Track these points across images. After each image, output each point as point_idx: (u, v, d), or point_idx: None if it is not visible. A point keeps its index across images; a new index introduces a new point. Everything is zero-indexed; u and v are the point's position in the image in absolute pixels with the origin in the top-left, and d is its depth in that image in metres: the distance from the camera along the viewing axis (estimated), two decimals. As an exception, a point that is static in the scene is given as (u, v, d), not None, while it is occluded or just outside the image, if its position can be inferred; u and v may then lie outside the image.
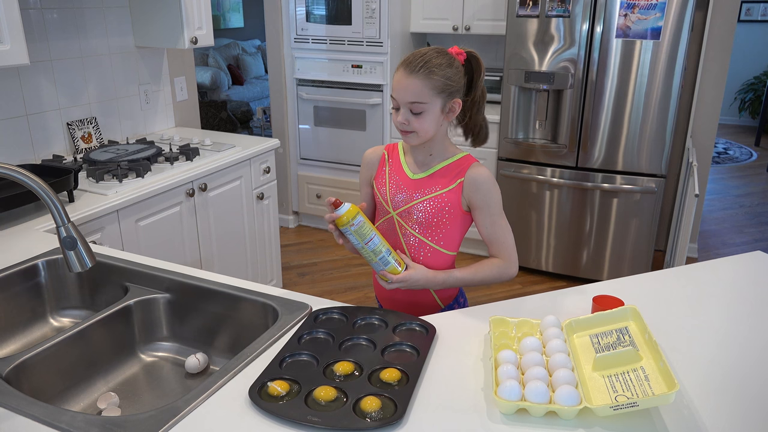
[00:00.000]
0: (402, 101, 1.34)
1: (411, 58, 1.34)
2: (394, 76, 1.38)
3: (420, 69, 1.31)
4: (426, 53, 1.34)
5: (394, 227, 1.47)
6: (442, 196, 1.41)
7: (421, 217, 1.42)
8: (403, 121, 1.35)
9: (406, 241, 1.46)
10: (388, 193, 1.46)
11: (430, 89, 1.32)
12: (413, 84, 1.32)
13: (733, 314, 1.33)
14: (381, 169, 1.51)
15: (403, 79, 1.33)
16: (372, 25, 3.62)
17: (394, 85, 1.36)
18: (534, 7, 3.13)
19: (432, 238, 1.44)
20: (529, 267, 3.61)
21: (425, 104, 1.33)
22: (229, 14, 8.17)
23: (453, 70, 1.34)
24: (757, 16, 7.12)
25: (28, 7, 2.28)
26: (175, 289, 1.44)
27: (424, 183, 1.43)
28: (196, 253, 2.43)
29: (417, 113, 1.34)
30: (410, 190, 1.44)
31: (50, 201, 1.10)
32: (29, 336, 1.51)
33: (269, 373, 1.08)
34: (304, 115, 4.02)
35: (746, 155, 6.40)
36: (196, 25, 2.63)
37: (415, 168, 1.46)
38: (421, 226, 1.43)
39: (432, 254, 1.45)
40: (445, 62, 1.33)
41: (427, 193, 1.42)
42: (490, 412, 1.00)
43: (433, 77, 1.31)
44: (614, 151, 3.20)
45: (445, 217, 1.42)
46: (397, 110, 1.37)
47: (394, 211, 1.46)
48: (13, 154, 2.29)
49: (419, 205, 1.42)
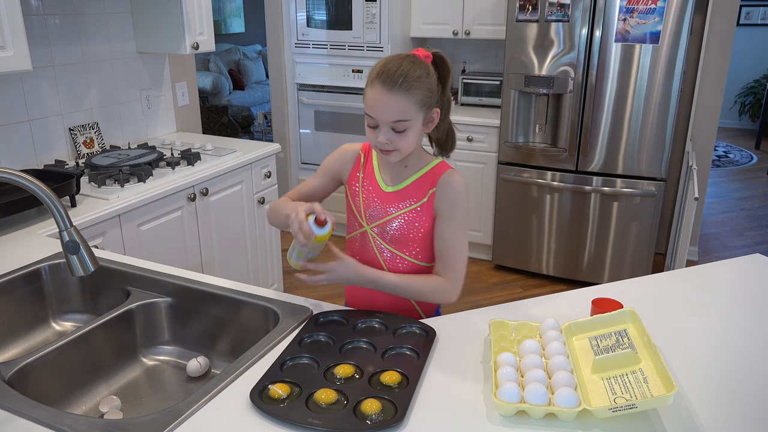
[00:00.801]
0: (383, 120, 1.24)
1: (387, 73, 1.22)
2: (367, 92, 1.26)
3: (401, 84, 1.21)
4: (402, 65, 1.23)
5: (368, 242, 1.40)
6: (417, 211, 1.35)
7: (396, 233, 1.36)
8: (385, 142, 1.25)
9: (382, 255, 1.39)
10: (362, 206, 1.40)
11: (414, 104, 1.23)
12: (396, 102, 1.22)
13: (732, 317, 1.33)
14: (354, 174, 1.43)
15: (383, 96, 1.22)
16: (372, 30, 3.64)
17: (371, 103, 1.24)
18: (533, 11, 3.14)
19: (409, 252, 1.38)
20: (530, 270, 3.61)
21: (409, 121, 1.24)
22: (231, 19, 8.20)
23: (431, 80, 1.25)
24: (756, 19, 7.13)
25: (31, 13, 2.30)
26: (176, 293, 1.45)
27: (398, 196, 1.36)
28: (197, 257, 2.44)
29: (401, 131, 1.25)
30: (384, 203, 1.37)
31: (53, 205, 1.11)
32: (32, 340, 1.52)
33: (270, 376, 1.08)
34: (304, 120, 4.03)
35: (746, 158, 6.40)
36: (197, 30, 2.65)
37: (389, 180, 1.38)
38: (397, 242, 1.37)
39: (409, 266, 1.39)
40: (423, 72, 1.24)
41: (402, 208, 1.35)
42: (489, 414, 1.00)
43: (415, 92, 1.22)
44: (614, 154, 3.21)
45: (420, 231, 1.36)
46: (373, 128, 1.27)
47: (368, 225, 1.39)
48: (15, 159, 2.31)
49: (394, 221, 1.36)
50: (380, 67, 1.24)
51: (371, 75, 1.25)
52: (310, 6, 3.75)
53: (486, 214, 3.68)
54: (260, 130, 6.36)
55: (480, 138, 3.54)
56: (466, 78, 3.85)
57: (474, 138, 3.55)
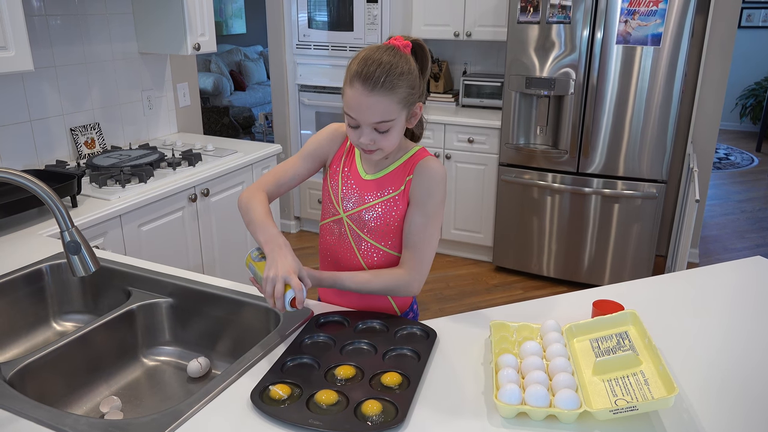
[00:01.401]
0: (365, 122, 1.19)
1: (367, 71, 1.15)
2: (346, 91, 1.19)
3: (383, 84, 1.15)
4: (382, 61, 1.16)
5: (344, 230, 1.36)
6: (395, 199, 1.31)
7: (372, 222, 1.33)
8: (368, 143, 1.21)
9: (357, 244, 1.36)
10: (340, 193, 1.35)
11: (396, 104, 1.18)
12: (378, 103, 1.16)
13: (733, 319, 1.33)
14: (338, 158, 1.37)
15: (363, 97, 1.16)
16: (374, 32, 3.64)
17: (350, 103, 1.18)
18: (535, 13, 3.15)
19: (384, 243, 1.34)
20: (531, 272, 3.61)
21: (392, 121, 1.19)
22: (232, 20, 8.21)
23: (413, 75, 1.19)
24: (758, 21, 7.13)
25: (33, 14, 2.30)
26: (177, 293, 1.45)
27: (377, 185, 1.32)
28: (198, 258, 2.44)
29: (384, 131, 1.20)
30: (362, 191, 1.33)
31: (54, 206, 1.11)
32: (33, 340, 1.52)
33: (271, 377, 1.08)
34: (305, 121, 4.04)
35: (747, 161, 6.40)
36: (198, 31, 2.65)
37: (368, 167, 1.34)
38: (373, 232, 1.33)
39: (384, 258, 1.36)
40: (406, 68, 1.18)
41: (379, 197, 1.31)
42: (490, 416, 1.00)
43: (398, 90, 1.17)
44: (615, 156, 3.21)
45: (397, 221, 1.32)
46: (355, 128, 1.22)
47: (345, 213, 1.35)
48: (16, 159, 2.31)
49: (371, 209, 1.32)
50: (359, 64, 1.18)
51: (349, 72, 1.19)
52: (312, 7, 3.76)
53: (487, 215, 3.68)
54: (261, 131, 6.37)
55: (481, 139, 3.55)
56: (467, 79, 3.85)
57: (475, 139, 3.55)
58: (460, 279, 3.61)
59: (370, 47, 1.22)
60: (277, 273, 1.13)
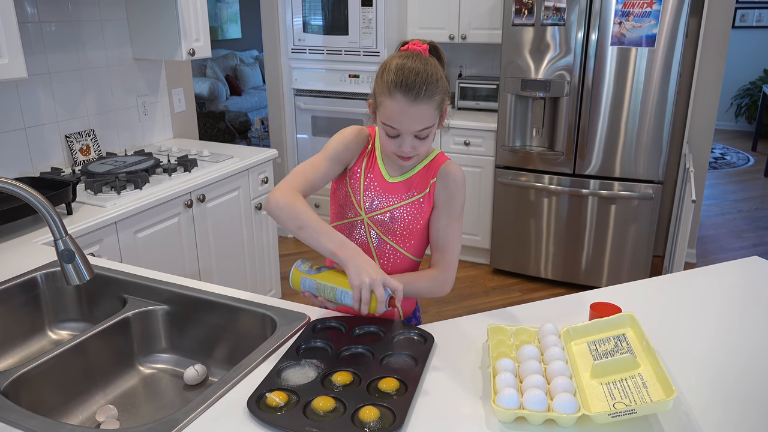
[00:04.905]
0: (407, 131, 1.21)
1: (409, 83, 1.18)
2: (385, 103, 1.21)
3: (424, 93, 1.18)
4: (419, 70, 1.19)
5: (362, 230, 1.37)
6: (419, 202, 1.33)
7: (396, 225, 1.34)
8: (410, 150, 1.23)
9: (376, 247, 1.37)
10: (362, 194, 1.35)
11: (435, 109, 1.22)
12: (421, 111, 1.19)
13: (731, 320, 1.33)
14: (359, 161, 1.37)
15: (406, 108, 1.18)
16: (369, 35, 3.64)
17: (393, 116, 1.20)
18: (529, 15, 3.15)
19: (405, 245, 1.37)
20: (528, 274, 3.61)
21: (432, 127, 1.23)
22: (227, 25, 8.21)
23: (443, 79, 1.23)
24: (751, 21, 7.16)
25: (27, 21, 2.29)
26: (173, 300, 1.44)
27: (401, 187, 1.34)
28: (194, 265, 2.43)
29: (424, 138, 1.24)
30: (386, 193, 1.34)
31: (48, 214, 1.11)
32: (27, 349, 1.51)
33: (268, 384, 1.08)
34: (301, 125, 4.03)
35: (743, 160, 6.41)
36: (193, 36, 2.65)
37: (392, 170, 1.35)
38: (396, 234, 1.35)
39: (402, 260, 1.38)
40: (438, 73, 1.22)
41: (405, 199, 1.33)
42: (488, 420, 1.00)
43: (436, 97, 1.20)
44: (611, 157, 3.21)
45: (420, 223, 1.35)
46: (393, 137, 1.24)
47: (366, 214, 1.36)
48: (11, 166, 2.30)
49: (395, 211, 1.34)
50: (396, 74, 1.19)
51: (388, 83, 1.20)
52: (307, 11, 3.76)
53: (484, 218, 3.68)
54: (257, 136, 6.36)
55: (477, 142, 3.55)
56: (462, 82, 3.86)
57: (471, 142, 3.55)
58: (457, 282, 3.61)
59: (399, 55, 1.24)
60: (374, 277, 1.13)
